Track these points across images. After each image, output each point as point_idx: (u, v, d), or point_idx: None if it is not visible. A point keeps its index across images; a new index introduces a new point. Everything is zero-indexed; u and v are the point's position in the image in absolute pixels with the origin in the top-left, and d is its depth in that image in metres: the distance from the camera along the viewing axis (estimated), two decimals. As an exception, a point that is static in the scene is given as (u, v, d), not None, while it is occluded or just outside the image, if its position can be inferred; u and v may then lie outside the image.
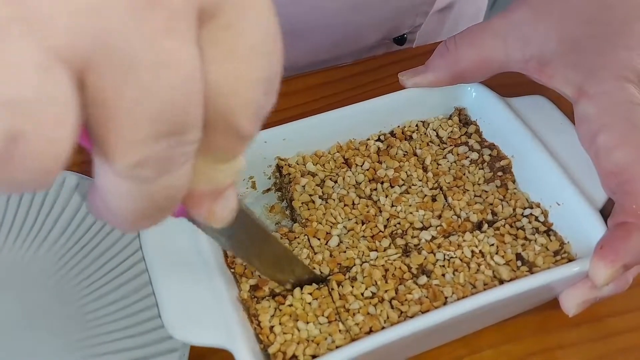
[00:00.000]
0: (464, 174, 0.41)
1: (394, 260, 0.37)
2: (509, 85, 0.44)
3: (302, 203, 0.40)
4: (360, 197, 0.40)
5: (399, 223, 0.39)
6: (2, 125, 0.15)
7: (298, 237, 0.39)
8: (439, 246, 0.38)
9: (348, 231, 0.39)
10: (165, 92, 0.17)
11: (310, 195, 0.41)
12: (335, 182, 0.41)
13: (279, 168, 0.42)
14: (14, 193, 0.16)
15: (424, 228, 0.39)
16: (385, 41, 0.60)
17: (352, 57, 0.58)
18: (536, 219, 0.39)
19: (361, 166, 0.42)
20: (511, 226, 0.39)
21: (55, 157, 0.16)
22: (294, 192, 0.41)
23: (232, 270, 0.37)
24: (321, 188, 0.41)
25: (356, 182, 0.41)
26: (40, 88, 0.15)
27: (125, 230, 0.21)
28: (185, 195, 0.21)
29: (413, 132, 0.44)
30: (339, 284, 0.36)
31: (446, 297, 0.35)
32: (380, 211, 0.40)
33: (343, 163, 0.42)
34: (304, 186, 0.41)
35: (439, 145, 0.43)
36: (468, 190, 0.41)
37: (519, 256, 0.37)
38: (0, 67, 0.15)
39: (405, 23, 0.58)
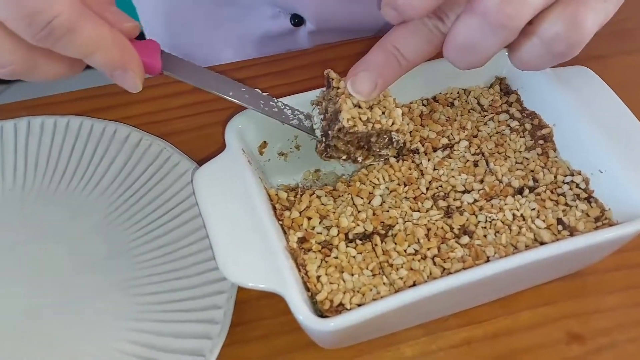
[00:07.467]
0: (505, 142, 0.42)
1: (436, 220, 0.38)
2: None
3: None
4: (403, 160, 0.41)
5: (441, 186, 0.40)
6: None
7: (342, 195, 0.39)
8: (481, 209, 0.38)
9: (390, 192, 0.40)
10: None
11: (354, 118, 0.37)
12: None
13: (328, 80, 0.39)
14: None
15: (466, 191, 0.40)
16: None
17: None
18: (577, 186, 0.39)
19: (404, 129, 0.42)
20: (552, 192, 0.39)
21: None
22: (342, 104, 0.37)
23: (281, 222, 0.38)
24: None
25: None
26: None
27: None
28: None
29: (454, 99, 0.44)
30: (382, 240, 0.37)
31: (488, 257, 0.36)
32: (423, 174, 0.40)
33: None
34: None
35: (480, 112, 0.44)
36: (509, 157, 0.41)
37: (559, 221, 0.38)
38: None
39: None
